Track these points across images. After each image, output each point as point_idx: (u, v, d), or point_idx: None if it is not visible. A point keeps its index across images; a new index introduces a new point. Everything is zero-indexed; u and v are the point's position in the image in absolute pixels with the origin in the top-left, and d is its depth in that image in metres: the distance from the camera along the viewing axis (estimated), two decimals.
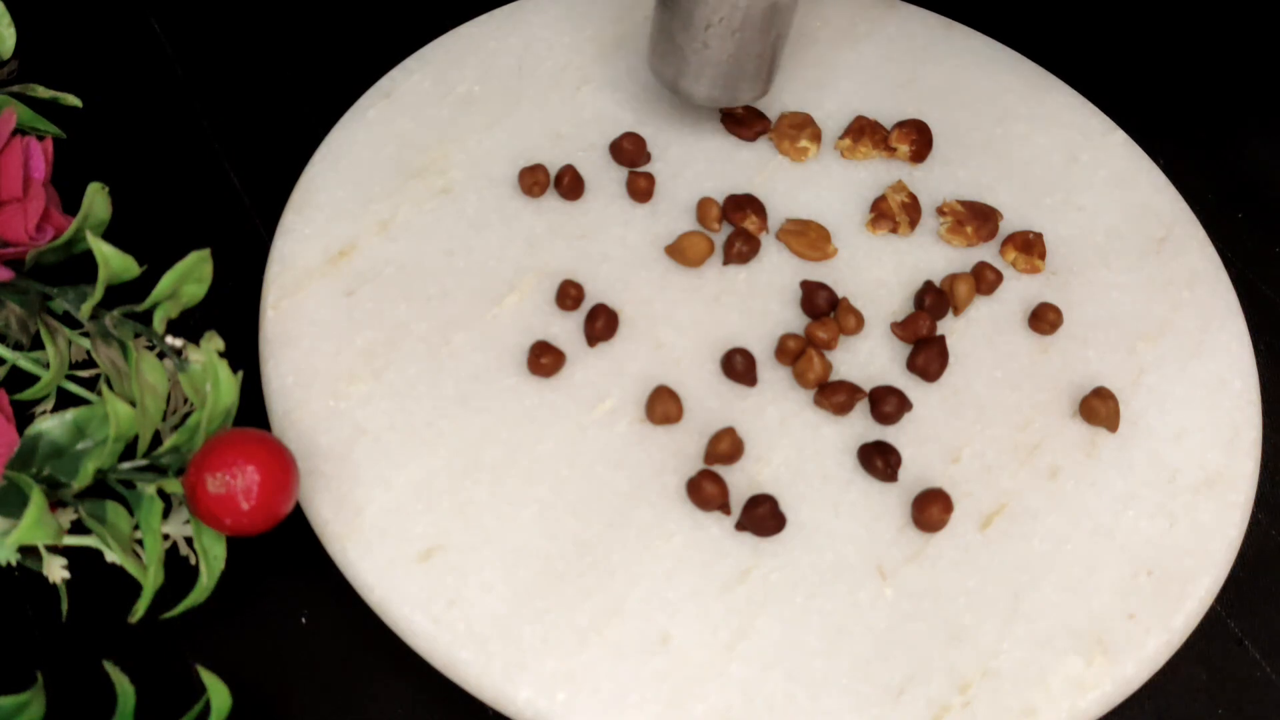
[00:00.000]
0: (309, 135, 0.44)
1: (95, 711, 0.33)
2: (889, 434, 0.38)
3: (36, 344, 0.37)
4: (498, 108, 0.44)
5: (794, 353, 0.39)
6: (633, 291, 0.41)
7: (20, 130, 0.38)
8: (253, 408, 0.38)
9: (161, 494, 0.35)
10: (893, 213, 0.43)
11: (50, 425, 0.34)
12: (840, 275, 0.42)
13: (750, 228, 0.42)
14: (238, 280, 0.41)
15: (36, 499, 0.31)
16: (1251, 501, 0.38)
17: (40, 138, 0.38)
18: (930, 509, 0.36)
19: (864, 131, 0.44)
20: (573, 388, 0.39)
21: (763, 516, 0.36)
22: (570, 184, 0.42)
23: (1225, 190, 0.48)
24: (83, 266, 0.37)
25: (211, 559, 0.34)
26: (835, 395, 0.38)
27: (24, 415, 0.36)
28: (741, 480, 0.37)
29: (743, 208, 0.42)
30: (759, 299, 0.41)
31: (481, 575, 0.35)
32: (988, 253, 0.42)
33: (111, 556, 0.34)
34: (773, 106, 0.45)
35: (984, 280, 0.41)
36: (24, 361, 0.37)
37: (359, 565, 0.35)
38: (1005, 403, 0.39)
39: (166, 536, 0.35)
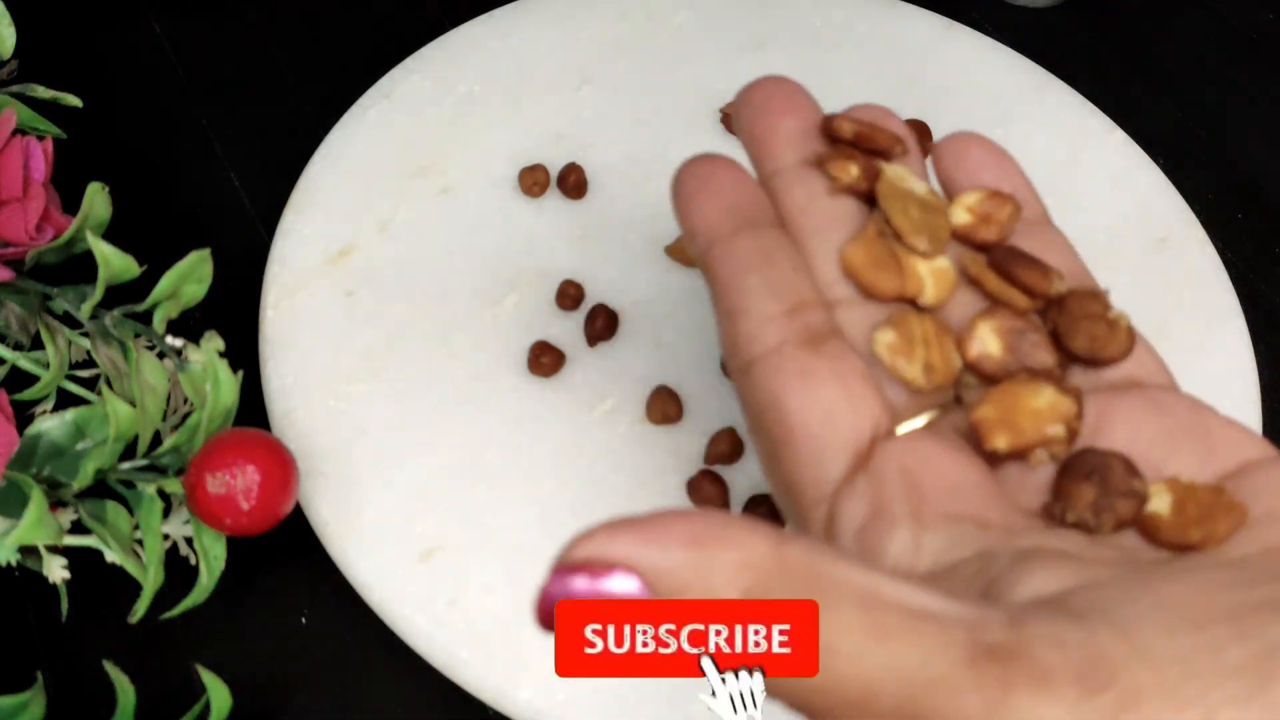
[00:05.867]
0: (309, 135, 0.44)
1: (95, 711, 0.33)
2: None
3: (36, 344, 0.37)
4: (498, 108, 0.44)
5: None
6: (633, 291, 0.41)
7: (20, 130, 0.38)
8: (253, 408, 0.38)
9: (161, 494, 0.35)
10: None
11: (50, 425, 0.34)
12: None
13: None
14: (238, 280, 0.41)
15: (36, 499, 0.31)
16: None
17: (40, 138, 0.38)
18: None
19: None
20: (573, 388, 0.39)
21: (762, 517, 0.36)
22: (575, 182, 0.42)
23: (1225, 190, 0.48)
24: (83, 266, 0.37)
25: (211, 559, 0.34)
26: None
27: (24, 415, 0.36)
28: (741, 480, 0.37)
29: None
30: None
31: (482, 575, 0.35)
32: None
33: (111, 556, 0.34)
34: None
35: None
36: (24, 361, 0.37)
37: (359, 565, 0.35)
38: None
39: (166, 536, 0.35)
